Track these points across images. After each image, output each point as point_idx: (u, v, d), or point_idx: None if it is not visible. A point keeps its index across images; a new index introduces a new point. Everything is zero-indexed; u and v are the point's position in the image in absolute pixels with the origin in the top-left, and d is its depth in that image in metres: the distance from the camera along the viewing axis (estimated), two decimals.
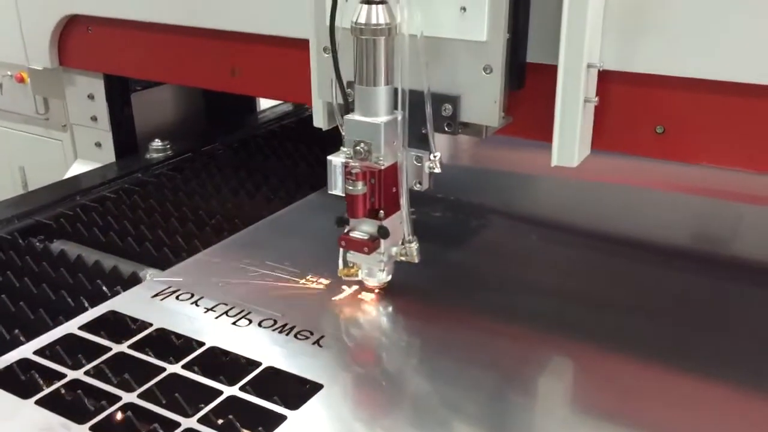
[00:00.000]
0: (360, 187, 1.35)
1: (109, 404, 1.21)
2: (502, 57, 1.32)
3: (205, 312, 1.45)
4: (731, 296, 1.54)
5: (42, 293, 1.58)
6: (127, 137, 2.40)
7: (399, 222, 1.41)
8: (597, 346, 1.36)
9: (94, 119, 2.36)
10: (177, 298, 1.49)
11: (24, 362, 1.31)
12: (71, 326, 1.41)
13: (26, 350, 1.34)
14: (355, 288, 1.51)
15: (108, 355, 1.32)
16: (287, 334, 1.38)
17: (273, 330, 1.39)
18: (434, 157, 1.37)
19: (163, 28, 1.98)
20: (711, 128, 1.35)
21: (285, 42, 1.75)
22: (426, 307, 1.49)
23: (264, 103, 2.91)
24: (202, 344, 1.35)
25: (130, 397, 1.22)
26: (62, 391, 1.25)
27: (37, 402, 1.22)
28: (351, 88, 1.37)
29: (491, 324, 1.43)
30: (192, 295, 1.50)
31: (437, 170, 1.38)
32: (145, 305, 1.47)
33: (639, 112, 1.39)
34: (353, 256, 1.46)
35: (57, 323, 1.44)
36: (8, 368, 1.30)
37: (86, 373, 1.28)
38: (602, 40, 1.33)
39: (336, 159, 1.39)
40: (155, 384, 1.25)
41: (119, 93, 2.35)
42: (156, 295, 1.50)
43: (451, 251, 1.71)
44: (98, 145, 2.39)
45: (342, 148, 1.39)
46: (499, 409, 1.23)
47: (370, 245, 1.40)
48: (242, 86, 1.96)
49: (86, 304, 1.52)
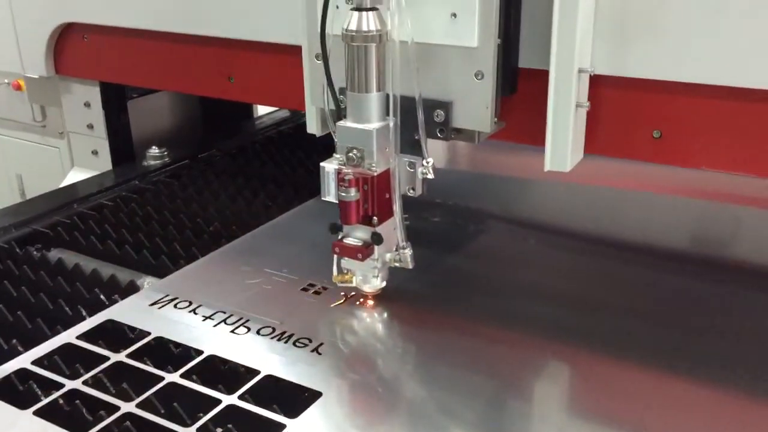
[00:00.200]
0: (353, 194, 1.34)
1: (108, 414, 1.20)
2: (494, 62, 1.32)
3: (204, 320, 1.44)
4: (730, 300, 1.53)
5: (40, 302, 1.58)
6: (124, 145, 2.39)
7: (393, 228, 1.41)
8: (595, 351, 1.36)
9: (91, 127, 2.36)
10: (175, 307, 1.49)
11: (22, 372, 1.31)
12: (69, 336, 1.41)
13: (24, 360, 1.34)
14: (353, 294, 1.50)
15: (106, 365, 1.32)
16: (286, 342, 1.38)
17: (272, 338, 1.39)
18: (427, 163, 1.38)
19: (159, 36, 1.98)
20: (709, 132, 1.35)
21: (280, 49, 1.75)
22: (424, 313, 1.48)
23: (261, 110, 2.91)
24: (201, 353, 1.35)
25: (129, 407, 1.22)
26: (60, 402, 1.25)
27: (35, 413, 1.22)
28: (343, 95, 1.37)
29: (489, 329, 1.43)
30: (190, 303, 1.50)
31: (430, 176, 1.38)
32: (143, 314, 1.47)
33: (636, 117, 1.39)
34: (347, 263, 1.46)
35: (55, 333, 1.44)
36: (6, 378, 1.30)
37: (84, 383, 1.28)
38: (594, 45, 1.33)
39: (329, 166, 1.39)
40: (154, 393, 1.25)
41: (115, 101, 2.35)
42: (154, 304, 1.50)
43: (449, 256, 1.71)
44: (95, 153, 2.39)
45: (335, 155, 1.38)
46: (497, 415, 1.23)
47: (364, 252, 1.40)
48: (239, 93, 1.95)
49: (84, 313, 1.52)
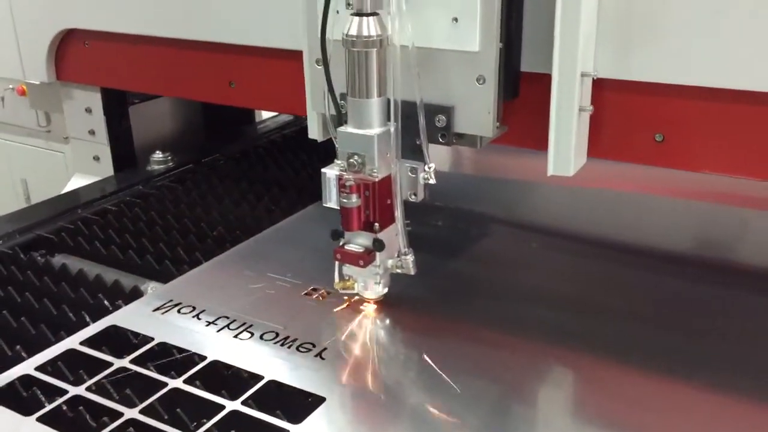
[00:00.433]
0: (354, 200, 1.33)
1: (111, 420, 1.20)
2: (495, 67, 1.32)
3: (207, 325, 1.44)
4: (733, 303, 1.52)
5: (43, 308, 1.58)
6: (126, 150, 2.39)
7: (395, 234, 1.40)
8: (598, 355, 1.35)
9: (92, 133, 2.36)
10: (179, 312, 1.49)
11: (25, 378, 1.31)
12: (73, 341, 1.40)
13: (28, 366, 1.34)
14: (357, 299, 1.50)
15: (109, 371, 1.32)
16: (289, 347, 1.37)
17: (275, 343, 1.39)
18: (429, 168, 1.36)
19: (160, 42, 1.97)
20: (711, 136, 1.34)
21: (281, 54, 1.74)
22: (427, 318, 1.48)
23: (264, 113, 2.91)
24: (204, 358, 1.35)
25: (132, 413, 1.22)
26: (64, 408, 1.25)
27: (39, 419, 1.21)
28: (344, 100, 1.36)
29: (491, 334, 1.42)
30: (193, 309, 1.50)
31: (432, 181, 1.37)
32: (147, 319, 1.47)
33: (638, 120, 1.38)
34: (349, 269, 1.45)
35: (59, 338, 1.44)
36: (10, 385, 1.30)
37: (88, 389, 1.28)
38: (597, 49, 1.32)
39: (330, 171, 1.38)
40: (157, 399, 1.25)
41: (117, 106, 2.35)
42: (157, 309, 1.50)
43: (450, 260, 1.70)
44: (96, 159, 2.38)
45: (336, 161, 1.37)
46: (501, 421, 1.22)
47: (366, 258, 1.39)
48: (239, 98, 1.95)
49: (88, 319, 1.52)
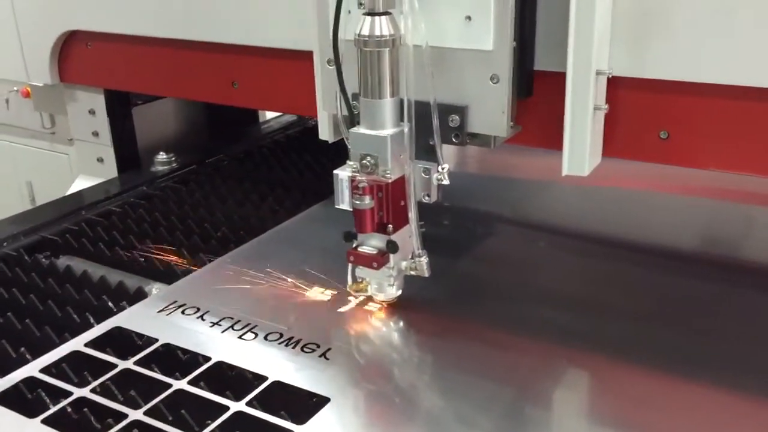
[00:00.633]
0: (367, 202, 1.32)
1: (116, 422, 1.20)
2: (509, 66, 1.30)
3: (211, 326, 1.43)
4: (745, 302, 1.51)
5: (48, 310, 1.57)
6: (129, 152, 2.38)
7: (408, 236, 1.39)
8: (610, 356, 1.34)
9: (96, 134, 2.35)
10: (183, 313, 1.48)
11: (30, 380, 1.30)
12: (77, 343, 1.40)
13: (32, 368, 1.33)
14: (362, 299, 1.49)
15: (114, 372, 1.31)
16: (293, 347, 1.36)
17: (279, 343, 1.38)
18: (442, 169, 1.35)
19: (163, 42, 1.97)
20: (716, 133, 1.33)
21: (284, 54, 1.73)
22: (433, 317, 1.47)
23: (269, 113, 2.90)
24: (209, 359, 1.34)
25: (137, 414, 1.21)
26: (68, 410, 1.24)
27: (44, 421, 1.21)
28: (356, 100, 1.35)
29: (500, 335, 1.41)
30: (198, 310, 1.49)
31: (446, 182, 1.36)
32: (151, 320, 1.46)
33: (643, 118, 1.37)
34: (362, 271, 1.43)
35: (63, 340, 1.43)
36: (14, 387, 1.29)
37: (92, 391, 1.27)
38: (611, 47, 1.31)
39: (342, 173, 1.37)
40: (161, 401, 1.24)
41: (120, 108, 2.34)
42: (162, 310, 1.49)
43: (458, 261, 1.69)
44: (100, 161, 2.37)
45: (348, 162, 1.36)
46: (514, 423, 1.21)
47: (379, 260, 1.38)
48: (243, 99, 1.94)
49: (92, 320, 1.51)
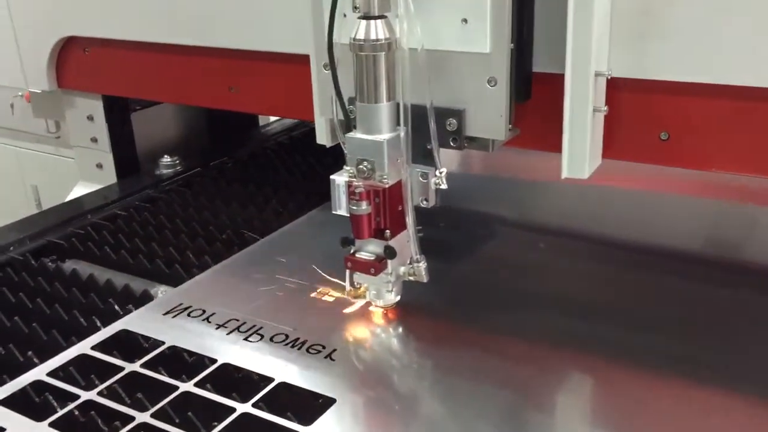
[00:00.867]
0: (364, 207, 1.31)
1: (123, 425, 1.21)
2: (507, 68, 1.29)
3: (217, 328, 1.45)
4: (748, 303, 1.50)
5: (55, 313, 1.58)
6: (129, 157, 2.38)
7: (406, 241, 1.38)
8: (611, 360, 1.33)
9: (95, 140, 2.34)
10: (189, 315, 1.49)
11: (37, 384, 1.32)
12: (84, 346, 1.41)
13: (40, 372, 1.34)
14: (367, 300, 1.49)
15: (121, 375, 1.33)
16: (299, 349, 1.37)
17: (285, 344, 1.39)
18: (440, 173, 1.34)
19: (160, 48, 1.97)
20: (716, 133, 1.32)
21: (282, 58, 1.73)
22: (437, 320, 1.47)
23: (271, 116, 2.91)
24: (215, 361, 1.35)
25: (144, 417, 1.22)
26: (76, 413, 1.25)
27: (51, 424, 1.22)
28: (353, 105, 1.34)
29: (502, 339, 1.40)
30: (203, 312, 1.50)
31: (444, 186, 1.34)
32: (157, 323, 1.48)
33: (643, 119, 1.36)
34: (360, 277, 1.43)
35: (70, 344, 1.44)
36: (22, 391, 1.30)
37: (99, 394, 1.29)
38: (610, 48, 1.30)
39: (339, 178, 1.37)
40: (168, 403, 1.25)
41: (119, 113, 2.33)
42: (168, 313, 1.50)
43: (458, 264, 1.68)
44: (99, 167, 2.37)
45: (345, 167, 1.35)
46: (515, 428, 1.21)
47: (377, 266, 1.37)
48: (242, 104, 1.94)
49: (98, 324, 1.52)
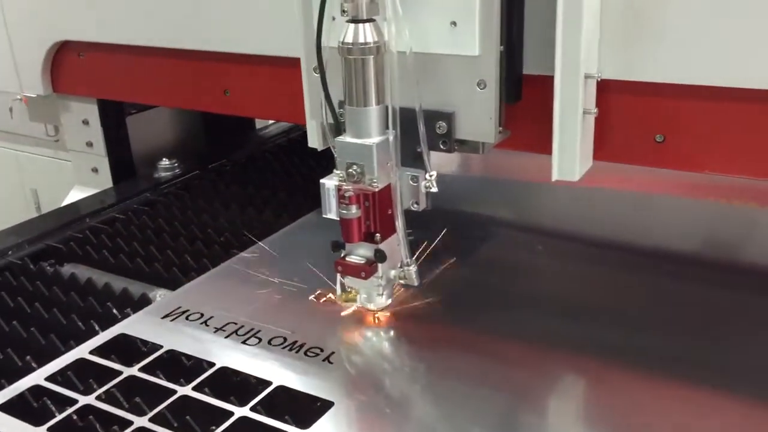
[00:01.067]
0: (354, 211, 1.31)
1: (121, 429, 1.21)
2: (496, 71, 1.29)
3: (215, 332, 1.45)
4: (746, 305, 1.49)
5: (53, 318, 1.59)
6: (124, 161, 2.37)
7: (396, 244, 1.38)
8: (608, 362, 1.33)
9: (90, 145, 2.34)
10: (187, 319, 1.50)
11: (35, 389, 1.32)
12: (82, 351, 1.42)
13: (38, 377, 1.35)
14: (358, 304, 1.49)
15: (119, 379, 1.33)
16: (297, 352, 1.38)
17: (283, 348, 1.39)
18: (430, 177, 1.34)
19: (155, 52, 1.97)
20: (712, 135, 1.32)
21: (276, 61, 1.73)
22: (434, 322, 1.47)
23: None
24: (213, 365, 1.35)
25: (142, 421, 1.23)
26: (74, 418, 1.25)
27: (50, 429, 1.23)
28: (343, 108, 1.34)
29: (499, 341, 1.40)
30: (202, 315, 1.50)
31: (434, 189, 1.34)
32: (155, 327, 1.48)
33: (637, 121, 1.36)
34: (351, 281, 1.43)
35: (68, 348, 1.45)
36: (20, 395, 1.31)
37: (98, 398, 1.29)
38: (600, 50, 1.30)
39: (329, 182, 1.36)
40: (166, 407, 1.26)
41: (114, 117, 2.33)
42: (166, 316, 1.51)
43: (455, 266, 1.66)
44: (95, 171, 2.36)
45: (335, 171, 1.35)
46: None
47: (367, 270, 1.36)
48: (236, 107, 1.94)
49: (97, 328, 1.53)
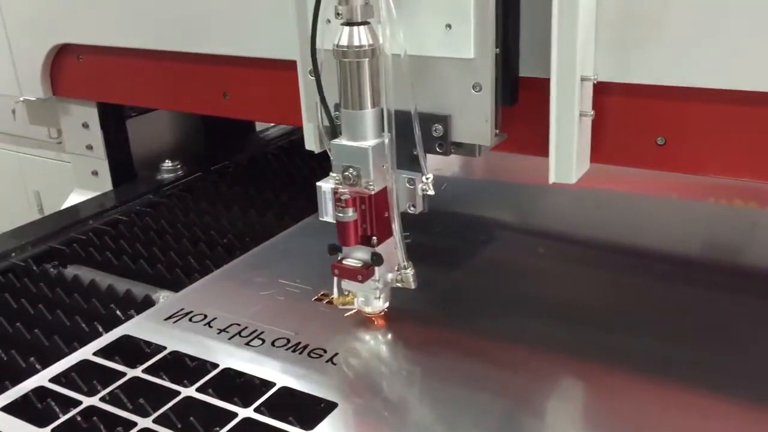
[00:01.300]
0: (350, 214, 1.30)
1: (125, 430, 1.22)
2: (492, 74, 1.28)
3: (219, 333, 1.46)
4: (749, 308, 1.49)
5: (57, 319, 1.60)
6: (124, 164, 2.38)
7: (393, 247, 1.37)
8: (608, 365, 1.33)
9: (90, 148, 2.34)
10: (190, 320, 1.50)
11: (40, 390, 1.33)
12: (86, 352, 1.42)
13: (42, 378, 1.35)
14: (355, 308, 1.47)
15: (123, 381, 1.34)
16: (300, 353, 1.38)
17: (286, 349, 1.40)
18: (427, 179, 1.33)
19: (153, 55, 1.97)
20: (714, 138, 1.31)
21: (274, 64, 1.73)
22: (434, 323, 1.48)
23: None
24: (216, 366, 1.36)
25: (146, 423, 1.23)
26: (78, 419, 1.26)
27: (54, 430, 1.23)
28: (339, 111, 1.33)
29: (501, 345, 1.40)
30: (205, 317, 1.51)
31: (431, 192, 1.34)
32: (159, 328, 1.49)
33: (639, 124, 1.35)
34: (348, 284, 1.42)
35: (72, 349, 1.45)
36: (24, 397, 1.32)
37: (102, 400, 1.30)
38: (596, 52, 1.29)
39: (325, 185, 1.35)
40: (170, 408, 1.26)
41: (114, 120, 2.33)
42: (169, 318, 1.52)
43: (452, 270, 1.67)
44: (95, 174, 2.37)
45: (331, 174, 1.35)
46: None
47: (364, 273, 1.36)
48: (235, 110, 1.94)
49: (100, 329, 1.53)
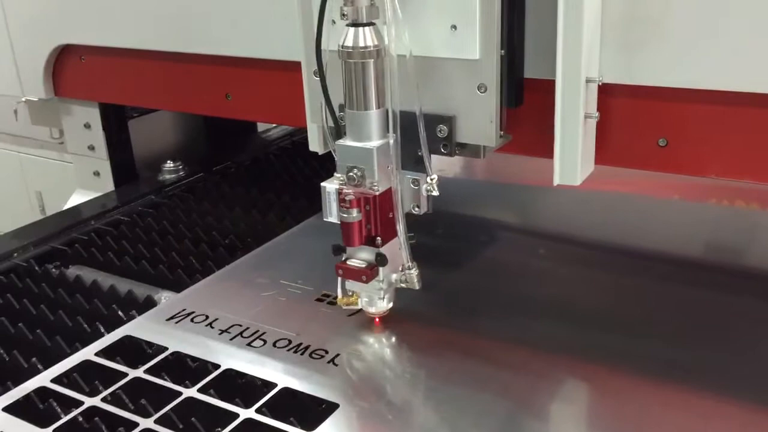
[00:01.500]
0: (355, 215, 1.30)
1: (127, 431, 1.22)
2: (497, 75, 1.28)
3: (220, 334, 1.46)
4: (751, 309, 1.49)
5: (58, 320, 1.60)
6: (126, 165, 2.38)
7: (398, 248, 1.37)
8: (610, 366, 1.33)
9: (92, 148, 2.34)
10: (192, 321, 1.51)
11: (41, 390, 1.33)
12: (88, 353, 1.42)
13: (44, 378, 1.36)
14: (359, 308, 1.48)
15: (124, 381, 1.34)
16: (302, 354, 1.38)
17: (288, 350, 1.40)
18: (431, 180, 1.33)
19: (157, 55, 1.97)
20: (715, 139, 1.31)
21: (277, 65, 1.73)
22: (436, 324, 1.48)
23: None
24: (218, 367, 1.36)
25: (147, 423, 1.24)
26: (80, 419, 1.26)
27: (55, 431, 1.23)
28: (343, 112, 1.34)
29: (503, 346, 1.40)
30: (207, 317, 1.51)
31: (435, 193, 1.34)
32: (161, 329, 1.49)
33: (640, 125, 1.35)
34: (352, 285, 1.42)
35: (74, 350, 1.46)
36: (26, 397, 1.32)
37: (103, 400, 1.30)
38: (601, 54, 1.29)
39: (330, 185, 1.35)
40: (171, 409, 1.26)
41: (116, 121, 2.33)
42: (171, 319, 1.52)
43: (455, 271, 1.68)
44: (97, 174, 2.37)
45: (336, 174, 1.35)
46: None
47: (368, 273, 1.36)
48: (237, 111, 1.94)
49: (102, 330, 1.53)
